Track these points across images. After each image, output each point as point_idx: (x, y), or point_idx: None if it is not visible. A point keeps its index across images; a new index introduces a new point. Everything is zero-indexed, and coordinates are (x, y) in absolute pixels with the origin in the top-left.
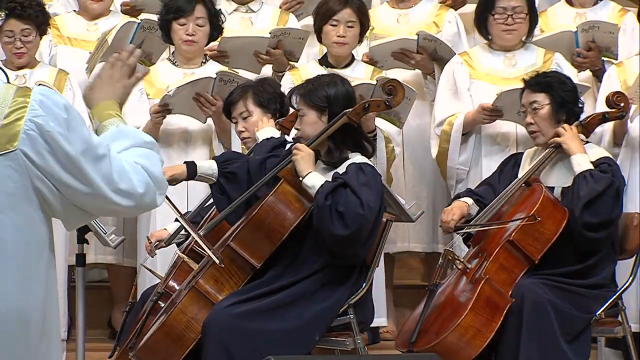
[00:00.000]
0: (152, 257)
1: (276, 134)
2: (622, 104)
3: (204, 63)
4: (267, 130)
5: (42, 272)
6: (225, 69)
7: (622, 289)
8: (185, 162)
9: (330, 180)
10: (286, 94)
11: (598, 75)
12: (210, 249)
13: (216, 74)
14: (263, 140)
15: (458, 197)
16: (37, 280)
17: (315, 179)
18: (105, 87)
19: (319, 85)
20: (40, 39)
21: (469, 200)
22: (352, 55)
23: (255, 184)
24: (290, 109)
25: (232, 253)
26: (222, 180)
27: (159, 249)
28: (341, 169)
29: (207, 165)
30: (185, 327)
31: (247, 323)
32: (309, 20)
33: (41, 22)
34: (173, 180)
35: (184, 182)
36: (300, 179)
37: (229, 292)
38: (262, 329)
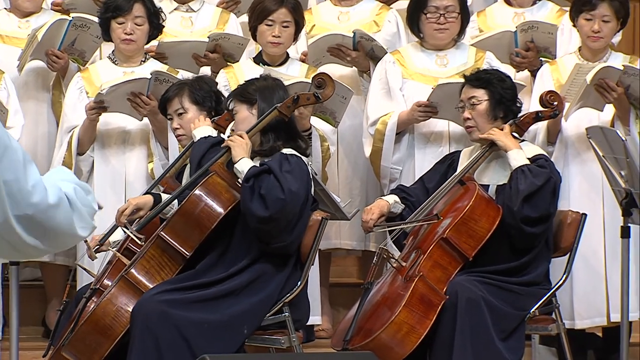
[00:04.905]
0: (93, 260)
1: (213, 132)
2: (555, 103)
3: (144, 62)
4: (203, 129)
5: None
6: (162, 68)
7: (556, 286)
8: (150, 193)
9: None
10: (221, 92)
11: (536, 75)
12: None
13: (151, 73)
14: (200, 138)
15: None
16: None
17: (245, 165)
18: None
19: (249, 82)
20: None
21: (391, 199)
22: (287, 54)
23: (188, 181)
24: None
25: (163, 243)
26: None
27: (99, 252)
28: (268, 159)
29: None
30: (114, 317)
31: (176, 311)
32: (245, 18)
33: None
34: (138, 209)
35: (122, 180)
36: (234, 163)
37: (160, 282)
38: (191, 318)
